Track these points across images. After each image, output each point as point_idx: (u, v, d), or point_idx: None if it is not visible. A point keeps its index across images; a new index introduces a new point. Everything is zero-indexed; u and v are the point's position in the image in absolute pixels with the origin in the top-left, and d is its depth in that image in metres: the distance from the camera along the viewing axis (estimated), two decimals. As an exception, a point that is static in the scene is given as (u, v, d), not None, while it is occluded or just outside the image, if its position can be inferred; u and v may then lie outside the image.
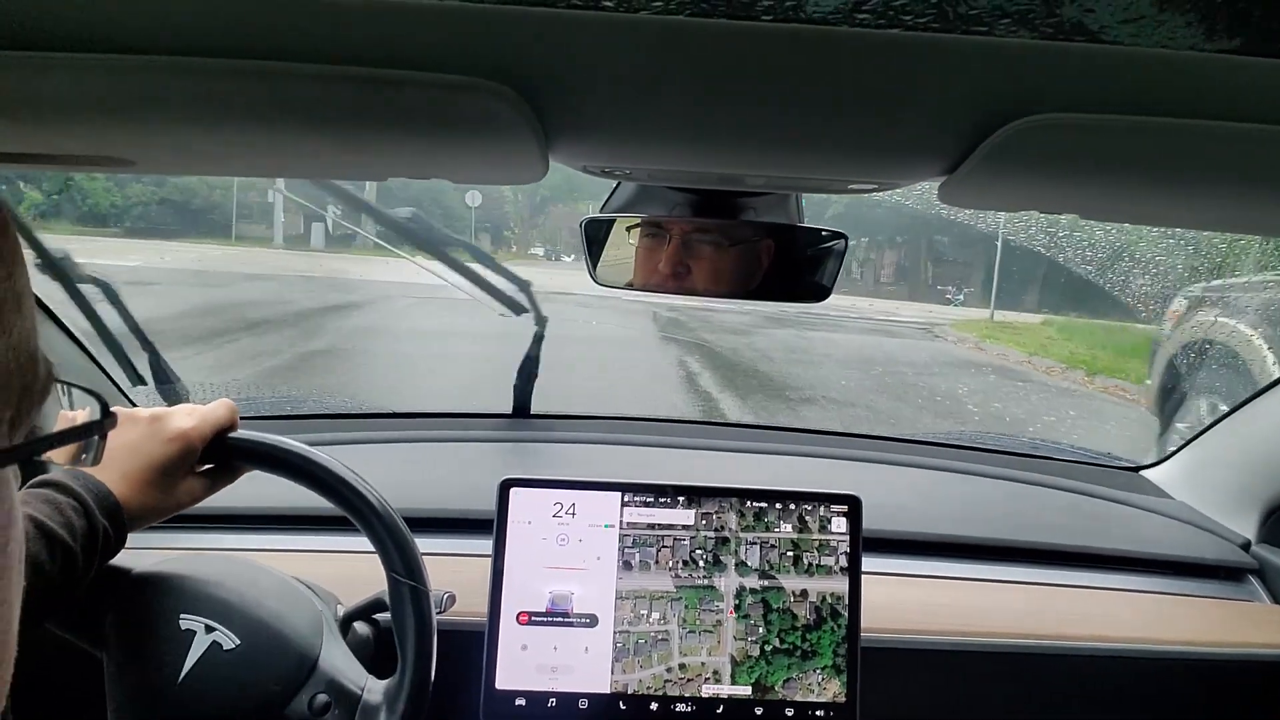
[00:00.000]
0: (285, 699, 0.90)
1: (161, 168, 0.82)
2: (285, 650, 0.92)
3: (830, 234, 1.01)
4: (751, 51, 0.46)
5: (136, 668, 0.90)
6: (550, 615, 1.13)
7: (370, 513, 0.94)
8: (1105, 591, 1.37)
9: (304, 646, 0.93)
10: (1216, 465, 1.61)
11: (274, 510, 1.33)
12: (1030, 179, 0.62)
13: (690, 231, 1.02)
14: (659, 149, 0.65)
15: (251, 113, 0.54)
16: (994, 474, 1.66)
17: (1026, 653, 1.27)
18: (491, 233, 26.65)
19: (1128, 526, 1.54)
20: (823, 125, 0.56)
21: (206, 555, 1.01)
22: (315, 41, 0.46)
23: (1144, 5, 0.38)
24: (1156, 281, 4.86)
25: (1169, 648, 1.29)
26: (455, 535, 1.32)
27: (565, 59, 0.48)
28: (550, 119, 0.55)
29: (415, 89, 0.50)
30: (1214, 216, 0.79)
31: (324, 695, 0.91)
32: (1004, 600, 1.34)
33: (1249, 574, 1.46)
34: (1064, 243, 5.08)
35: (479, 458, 1.62)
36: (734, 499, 1.17)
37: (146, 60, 0.47)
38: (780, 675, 1.13)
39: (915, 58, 0.45)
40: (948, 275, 22.20)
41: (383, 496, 0.95)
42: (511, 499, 1.15)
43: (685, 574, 1.15)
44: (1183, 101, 0.48)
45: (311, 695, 0.91)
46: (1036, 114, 0.50)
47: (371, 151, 0.65)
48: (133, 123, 0.59)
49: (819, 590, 1.15)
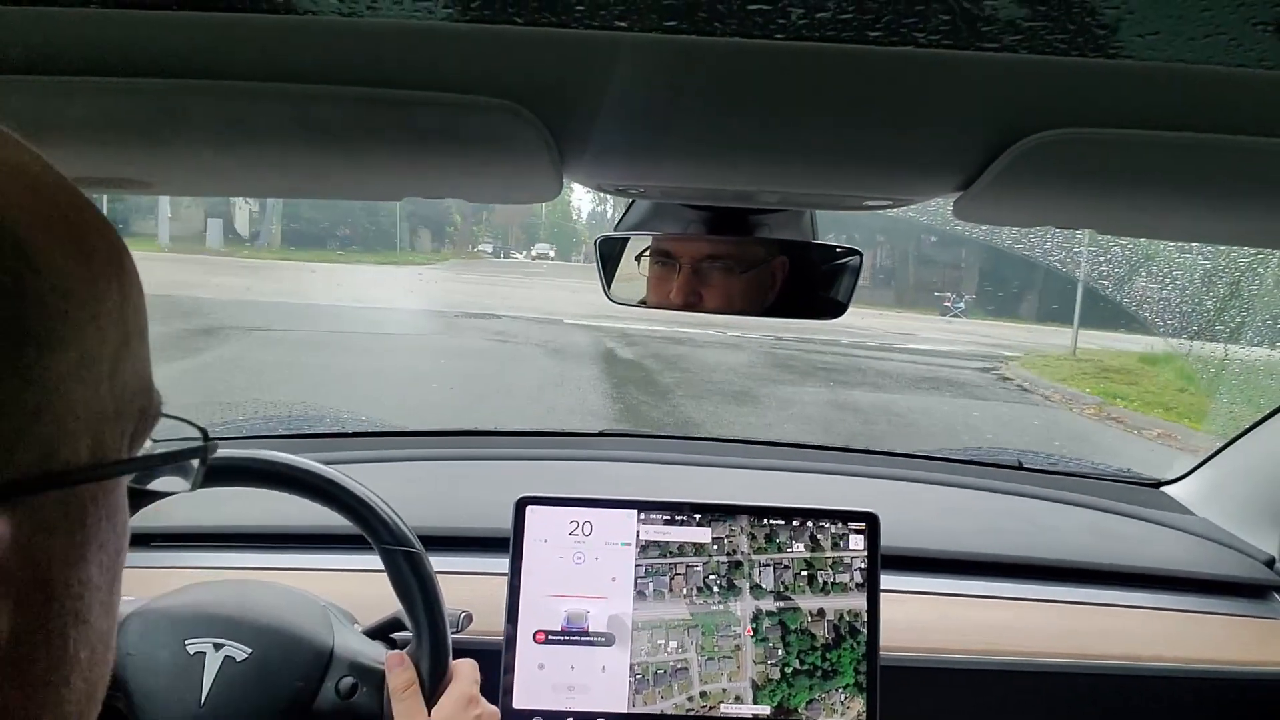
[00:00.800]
0: (312, 692, 0.91)
1: (179, 189, 0.83)
2: (299, 646, 0.93)
3: (845, 250, 1.01)
4: (765, 69, 0.46)
5: (156, 704, 0.90)
6: (567, 634, 1.13)
7: (341, 493, 0.94)
8: (1127, 609, 1.36)
9: (316, 638, 0.94)
10: (1239, 481, 1.59)
11: (283, 530, 1.34)
12: (1045, 194, 0.62)
13: (704, 251, 1.02)
14: (673, 167, 0.65)
15: (269, 134, 0.55)
16: (1014, 490, 1.65)
17: (1048, 671, 1.25)
18: (432, 228, 24.47)
19: (1149, 543, 1.53)
20: (836, 142, 0.57)
21: (192, 585, 1.02)
22: (332, 63, 0.47)
23: (1160, 20, 0.38)
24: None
25: (1191, 666, 1.28)
26: (471, 554, 1.32)
27: (579, 79, 0.49)
28: (564, 138, 0.55)
29: (431, 109, 0.50)
30: (1232, 230, 0.79)
31: (349, 678, 0.92)
32: (1025, 618, 1.32)
33: (1273, 591, 1.44)
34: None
35: (494, 476, 1.62)
36: (750, 517, 1.16)
37: (165, 84, 0.48)
38: (803, 697, 1.12)
39: (928, 74, 0.45)
40: (941, 280, 20.02)
41: (345, 477, 0.95)
42: (528, 517, 1.15)
43: (700, 601, 1.14)
44: (1199, 116, 0.48)
45: (336, 681, 0.92)
46: (1051, 129, 0.50)
47: (387, 171, 0.65)
48: (151, 145, 0.59)
49: (836, 608, 1.14)
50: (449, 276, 16.89)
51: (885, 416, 7.46)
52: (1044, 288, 16.12)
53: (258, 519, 1.34)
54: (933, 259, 20.23)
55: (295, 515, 1.27)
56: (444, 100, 0.49)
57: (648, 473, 1.63)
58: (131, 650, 0.92)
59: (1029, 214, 0.72)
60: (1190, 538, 1.55)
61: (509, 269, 21.78)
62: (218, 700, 0.89)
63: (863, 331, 11.80)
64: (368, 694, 0.92)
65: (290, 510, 1.09)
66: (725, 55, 0.44)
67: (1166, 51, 0.41)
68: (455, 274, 17.79)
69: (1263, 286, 2.94)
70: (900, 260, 21.08)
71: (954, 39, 0.41)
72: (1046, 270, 11.67)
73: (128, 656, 0.91)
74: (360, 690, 0.92)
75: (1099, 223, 0.75)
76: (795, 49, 0.43)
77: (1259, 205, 0.63)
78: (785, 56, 0.44)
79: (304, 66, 0.47)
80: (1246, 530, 1.54)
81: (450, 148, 0.57)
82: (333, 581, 1.23)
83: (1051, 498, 1.64)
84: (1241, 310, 3.03)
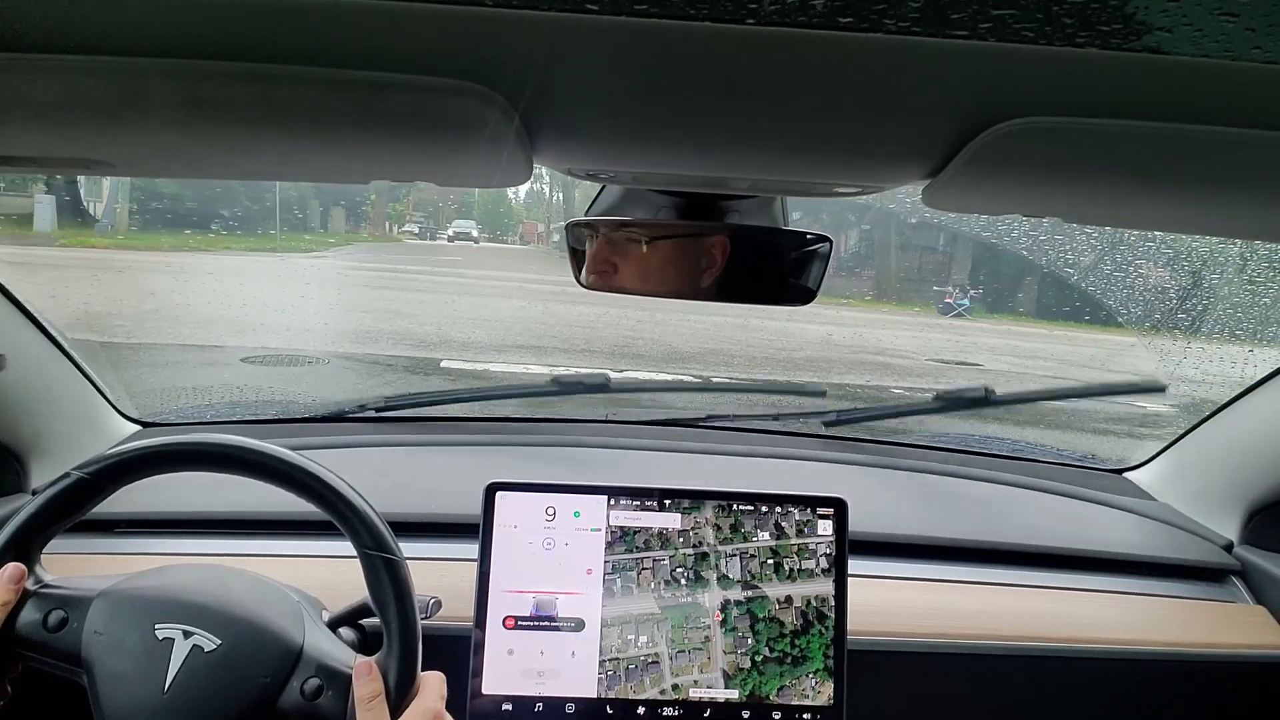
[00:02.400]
0: (276, 690, 0.90)
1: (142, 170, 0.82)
2: (268, 642, 0.92)
3: (815, 237, 1.01)
4: (735, 55, 0.46)
5: (119, 686, 0.89)
6: (537, 620, 1.13)
7: (328, 491, 0.93)
8: (1089, 593, 1.38)
9: (286, 635, 0.93)
10: (1199, 467, 1.62)
11: (261, 515, 1.33)
12: (1014, 183, 0.62)
13: (672, 236, 1.02)
14: (643, 152, 0.65)
15: (234, 115, 0.54)
16: (979, 476, 1.67)
17: (1011, 654, 1.27)
18: (347, 207, 20.70)
19: (1112, 528, 1.55)
20: (806, 128, 0.57)
21: (172, 565, 1.00)
22: (298, 44, 0.46)
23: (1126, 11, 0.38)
24: None
25: (1152, 648, 1.30)
26: (441, 540, 1.31)
27: (549, 63, 0.48)
28: (534, 122, 0.55)
29: (400, 92, 0.49)
30: (1195, 220, 0.80)
31: (315, 679, 0.91)
32: (989, 602, 1.34)
33: (1231, 575, 1.47)
34: None
35: (464, 461, 1.62)
36: (716, 505, 1.17)
37: (128, 62, 0.47)
38: (774, 684, 1.13)
39: (898, 62, 0.46)
40: (934, 270, 16.02)
41: (337, 475, 0.94)
42: (498, 502, 1.15)
43: (669, 594, 1.15)
44: (1165, 105, 0.48)
45: (303, 681, 0.91)
46: (1019, 118, 0.50)
47: (355, 154, 0.64)
48: (113, 125, 0.58)
49: (803, 595, 1.15)
50: (339, 266, 13.78)
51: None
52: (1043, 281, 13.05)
53: (225, 505, 1.33)
54: (918, 245, 16.57)
55: (263, 501, 1.27)
56: (412, 83, 0.49)
57: (619, 458, 1.63)
58: (100, 629, 0.91)
59: (997, 202, 0.72)
60: (1152, 522, 1.58)
61: (428, 253, 18.11)
62: (181, 689, 0.88)
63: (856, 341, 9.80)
64: (332, 697, 0.91)
65: (258, 496, 1.08)
66: (696, 39, 0.44)
67: (1134, 42, 0.42)
68: (354, 262, 14.78)
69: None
70: (885, 248, 16.79)
71: (923, 26, 0.41)
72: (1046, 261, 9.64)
73: (96, 635, 0.90)
74: (325, 693, 0.91)
75: (1066, 211, 0.76)
76: (765, 34, 0.43)
77: (1226, 196, 0.63)
78: (755, 42, 0.44)
79: (270, 47, 0.47)
80: (1206, 515, 1.57)
81: (418, 131, 0.57)
82: (302, 567, 1.22)
83: (1015, 483, 1.66)
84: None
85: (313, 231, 18.65)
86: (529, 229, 23.60)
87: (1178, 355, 2.57)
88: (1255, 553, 1.47)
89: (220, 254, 12.45)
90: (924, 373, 7.52)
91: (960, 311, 13.51)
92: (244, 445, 0.93)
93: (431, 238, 21.77)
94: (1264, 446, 1.45)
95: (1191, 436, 1.64)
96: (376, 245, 18.80)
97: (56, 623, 0.91)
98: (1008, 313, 13.75)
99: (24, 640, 0.90)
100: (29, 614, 0.91)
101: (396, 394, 1.72)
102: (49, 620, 0.91)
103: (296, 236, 16.53)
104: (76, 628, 0.91)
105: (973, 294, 14.15)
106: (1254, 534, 1.49)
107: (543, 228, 22.91)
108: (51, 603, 0.92)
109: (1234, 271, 2.54)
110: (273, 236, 14.37)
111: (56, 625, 0.91)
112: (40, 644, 0.91)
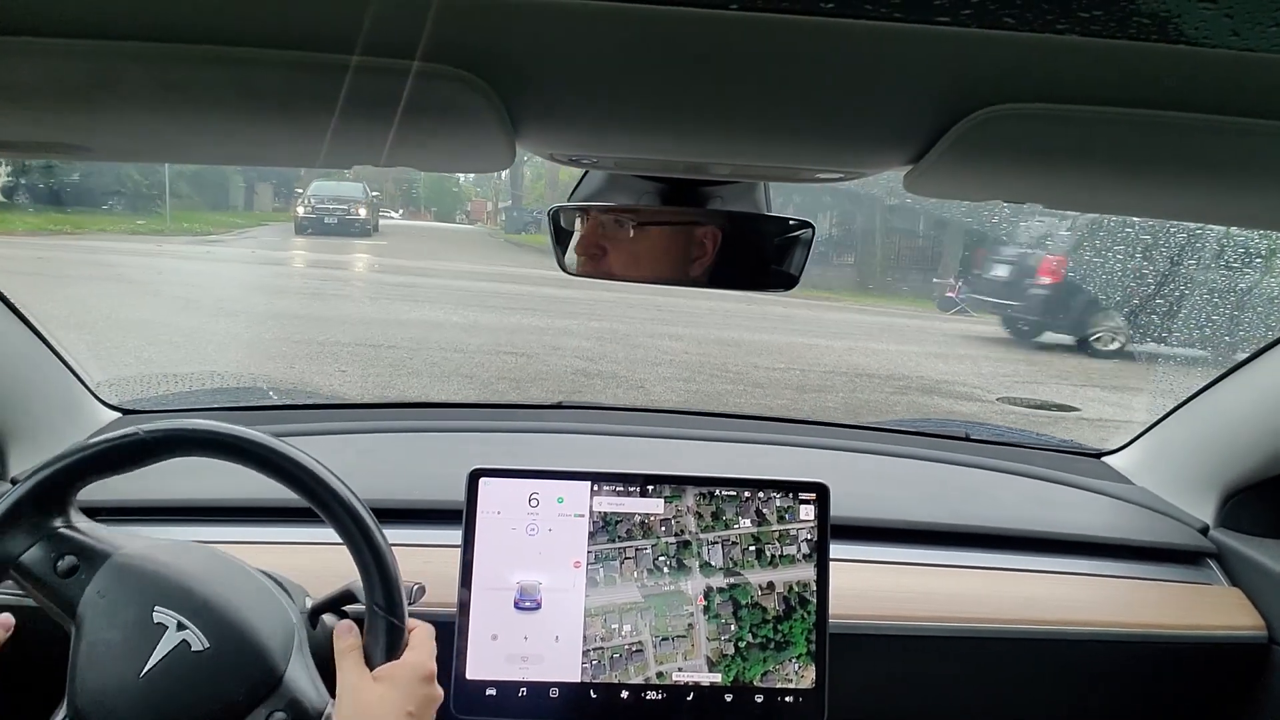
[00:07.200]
0: (243, 711, 0.89)
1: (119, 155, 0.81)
2: (252, 660, 0.91)
3: (798, 223, 1.01)
4: (718, 40, 0.46)
5: (101, 655, 0.89)
6: (520, 605, 1.13)
7: (363, 538, 0.94)
8: (1067, 576, 1.40)
9: (271, 658, 0.92)
10: (1177, 451, 1.64)
11: (242, 502, 1.32)
12: (995, 169, 0.63)
13: (654, 221, 1.01)
14: (625, 137, 0.65)
15: (212, 99, 0.54)
16: (958, 460, 1.68)
17: (989, 636, 1.29)
18: (275, 183, 18.07)
19: (1090, 511, 1.56)
20: (787, 114, 0.57)
21: (193, 547, 1.00)
22: (277, 27, 0.46)
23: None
24: None
25: (1129, 630, 1.32)
26: (424, 526, 1.31)
27: (531, 46, 0.48)
28: (516, 106, 0.54)
29: (380, 76, 0.49)
30: (1176, 206, 0.81)
31: (282, 714, 0.90)
32: (968, 585, 1.35)
33: (1207, 558, 1.49)
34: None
35: (448, 448, 1.62)
36: (698, 492, 1.17)
37: (105, 45, 0.47)
38: (757, 669, 1.14)
39: (880, 47, 0.46)
40: (921, 259, 14.34)
41: (372, 519, 0.95)
42: (481, 489, 1.15)
43: (651, 583, 1.15)
44: (1145, 92, 0.49)
45: (270, 711, 0.90)
46: (1000, 104, 0.50)
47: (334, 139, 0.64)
48: (90, 109, 0.58)
49: (785, 580, 1.16)
50: (228, 256, 11.58)
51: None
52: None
53: (208, 492, 1.32)
54: (907, 231, 14.58)
55: (245, 488, 1.26)
56: (392, 67, 0.48)
57: (601, 444, 1.64)
58: (103, 592, 0.91)
59: (979, 189, 0.73)
60: (1129, 506, 1.59)
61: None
62: (157, 678, 0.88)
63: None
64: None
65: (240, 483, 1.08)
66: (679, 24, 0.44)
67: (1114, 28, 0.42)
68: (242, 249, 12.31)
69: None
70: (869, 234, 14.68)
71: (905, 11, 0.41)
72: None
73: (98, 595, 0.91)
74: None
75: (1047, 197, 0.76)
76: (748, 19, 0.43)
77: (1208, 182, 0.64)
78: (738, 27, 0.44)
79: (248, 30, 0.46)
80: (1183, 499, 1.59)
81: (400, 116, 0.56)
82: (285, 555, 1.22)
83: (995, 467, 1.67)
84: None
85: (259, 210, 16.54)
86: (478, 207, 22.65)
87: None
88: (1231, 535, 1.48)
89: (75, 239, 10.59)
90: (992, 418, 5.92)
91: (963, 307, 11.43)
92: (244, 435, 0.93)
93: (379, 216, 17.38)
94: (1240, 430, 1.47)
95: (1169, 420, 1.66)
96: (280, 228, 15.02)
97: (66, 569, 0.91)
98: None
99: (27, 572, 0.90)
100: (41, 550, 0.91)
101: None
102: (60, 565, 0.91)
103: (199, 214, 14.04)
104: (83, 579, 0.91)
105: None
106: (1229, 517, 1.51)
107: (491, 206, 22.02)
108: (68, 546, 0.92)
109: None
110: (160, 218, 12.08)
111: (66, 571, 0.91)
112: (42, 582, 0.91)
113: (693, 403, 5.87)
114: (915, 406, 6.16)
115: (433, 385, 5.67)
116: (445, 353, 6.63)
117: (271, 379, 5.46)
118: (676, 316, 8.83)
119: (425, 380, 5.77)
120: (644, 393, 5.99)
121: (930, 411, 5.99)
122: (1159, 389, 6.22)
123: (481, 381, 5.90)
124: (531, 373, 6.26)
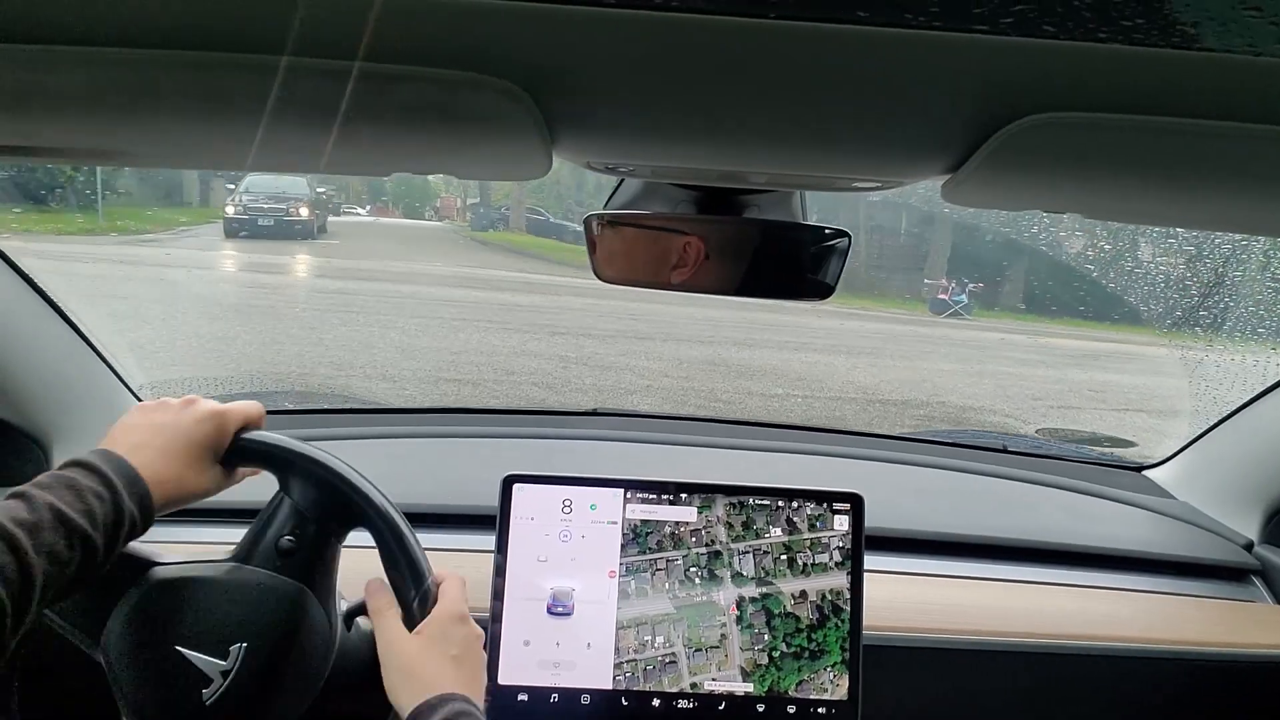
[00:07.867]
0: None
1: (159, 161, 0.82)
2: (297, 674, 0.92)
3: (834, 232, 1.01)
4: (755, 48, 0.46)
5: (152, 686, 0.87)
6: (553, 612, 1.13)
7: (402, 552, 0.94)
8: (1107, 591, 1.37)
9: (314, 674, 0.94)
10: (1219, 465, 1.61)
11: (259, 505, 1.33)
12: (1034, 178, 0.62)
13: (691, 229, 1.02)
14: (662, 146, 0.65)
15: (255, 107, 0.55)
16: (997, 473, 1.66)
17: (1028, 651, 1.27)
18: (227, 175, 14.15)
19: (1130, 526, 1.54)
20: (825, 122, 0.57)
21: (235, 575, 0.95)
22: (319, 36, 0.47)
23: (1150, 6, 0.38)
24: None
25: (1171, 648, 1.29)
26: (458, 531, 1.32)
27: (570, 55, 0.48)
28: (554, 115, 0.55)
29: (420, 84, 0.50)
30: (1219, 216, 0.79)
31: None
32: (1006, 599, 1.34)
33: (1251, 575, 1.46)
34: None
35: (481, 453, 1.62)
36: (729, 502, 1.17)
37: (146, 54, 0.48)
38: (792, 679, 1.13)
39: (919, 55, 0.46)
40: (907, 257, 13.53)
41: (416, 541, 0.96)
42: (515, 495, 1.15)
43: (683, 593, 1.15)
44: (1188, 101, 0.48)
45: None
46: (1040, 113, 0.50)
47: (375, 147, 0.65)
48: (134, 116, 0.59)
49: (818, 589, 1.15)
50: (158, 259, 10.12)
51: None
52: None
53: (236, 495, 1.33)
54: (897, 230, 13.84)
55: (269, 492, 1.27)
56: (432, 75, 0.49)
57: (635, 452, 1.63)
58: (142, 609, 0.89)
59: (1018, 198, 0.72)
60: (1170, 521, 1.57)
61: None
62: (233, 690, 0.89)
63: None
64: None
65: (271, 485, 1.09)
66: (717, 33, 0.44)
67: (1158, 36, 0.41)
68: (175, 251, 10.96)
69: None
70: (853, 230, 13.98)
71: (944, 20, 0.41)
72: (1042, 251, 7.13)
73: (134, 615, 0.88)
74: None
75: (1087, 208, 0.75)
76: (786, 28, 0.43)
77: (1250, 191, 0.63)
78: (776, 35, 0.44)
79: (290, 39, 0.47)
80: (1226, 514, 1.56)
81: (438, 123, 0.57)
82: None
83: (1034, 480, 1.65)
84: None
85: (213, 205, 13.61)
86: (447, 204, 21.85)
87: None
88: (1276, 552, 1.45)
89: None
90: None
91: (957, 310, 11.14)
92: (304, 452, 0.95)
93: (337, 213, 16.37)
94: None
95: (1212, 435, 1.63)
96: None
97: (93, 590, 0.86)
98: (1033, 312, 11.20)
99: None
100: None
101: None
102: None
103: (136, 210, 12.22)
104: (110, 598, 0.88)
105: (971, 288, 11.55)
106: (1274, 533, 1.48)
107: (460, 203, 21.29)
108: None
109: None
110: (92, 214, 10.28)
111: (93, 593, 0.87)
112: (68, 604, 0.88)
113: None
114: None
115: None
116: (370, 383, 5.62)
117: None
118: (654, 329, 7.97)
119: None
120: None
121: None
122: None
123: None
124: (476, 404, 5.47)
